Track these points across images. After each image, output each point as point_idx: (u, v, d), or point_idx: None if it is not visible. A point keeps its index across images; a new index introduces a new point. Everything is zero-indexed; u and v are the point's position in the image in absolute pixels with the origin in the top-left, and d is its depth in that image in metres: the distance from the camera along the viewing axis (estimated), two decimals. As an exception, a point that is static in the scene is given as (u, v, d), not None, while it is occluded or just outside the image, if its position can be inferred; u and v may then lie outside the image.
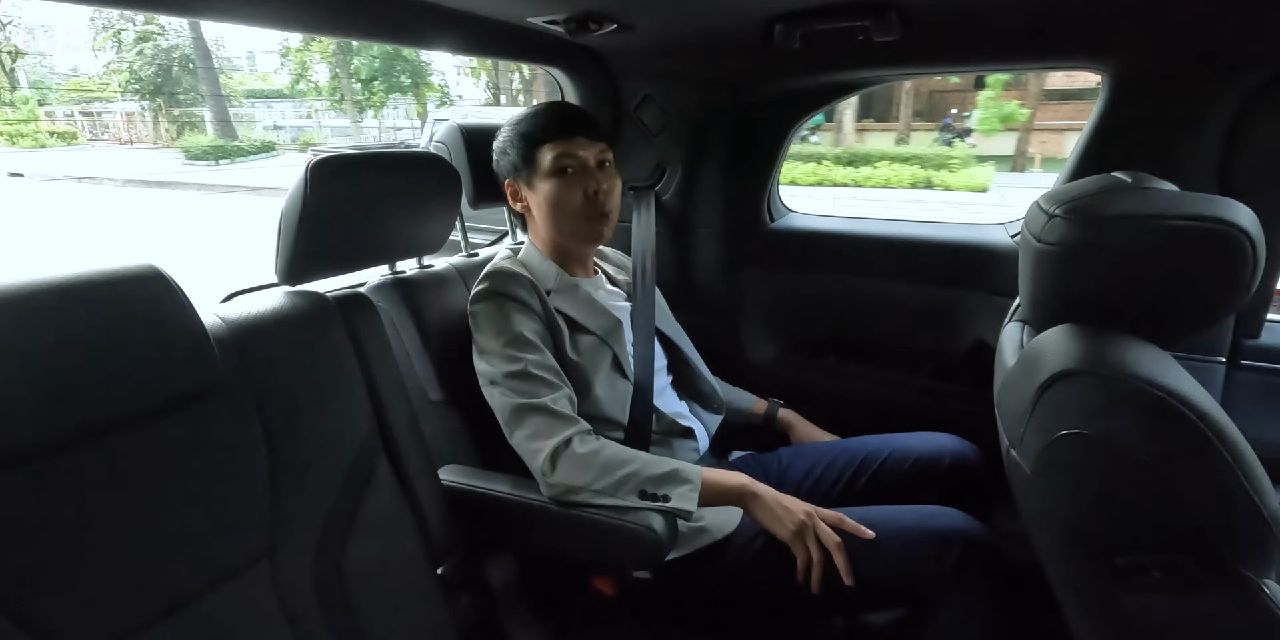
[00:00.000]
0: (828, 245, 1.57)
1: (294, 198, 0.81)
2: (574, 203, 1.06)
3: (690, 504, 0.92)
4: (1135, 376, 0.58)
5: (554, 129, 1.06)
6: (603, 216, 1.09)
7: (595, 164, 1.08)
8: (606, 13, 1.08)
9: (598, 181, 1.07)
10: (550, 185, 1.07)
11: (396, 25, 1.05)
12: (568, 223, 1.09)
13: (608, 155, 1.10)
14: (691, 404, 1.22)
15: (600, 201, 1.07)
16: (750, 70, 1.38)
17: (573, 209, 1.07)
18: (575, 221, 1.08)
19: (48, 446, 0.56)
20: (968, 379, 1.43)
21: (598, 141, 1.08)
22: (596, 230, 1.09)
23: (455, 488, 0.99)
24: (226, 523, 0.67)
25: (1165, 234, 0.62)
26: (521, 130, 1.09)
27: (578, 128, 1.07)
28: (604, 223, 1.09)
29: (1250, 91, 1.04)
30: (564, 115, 1.09)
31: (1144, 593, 0.62)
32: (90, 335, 0.58)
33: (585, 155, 1.07)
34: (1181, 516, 0.57)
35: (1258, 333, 1.18)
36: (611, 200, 1.09)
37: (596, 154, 1.08)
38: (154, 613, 0.61)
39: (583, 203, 1.07)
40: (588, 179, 1.07)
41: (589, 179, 1.07)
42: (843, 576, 0.91)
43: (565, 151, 1.06)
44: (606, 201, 1.08)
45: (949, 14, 1.05)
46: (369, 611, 0.78)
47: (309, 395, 0.78)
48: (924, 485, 1.11)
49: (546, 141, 1.06)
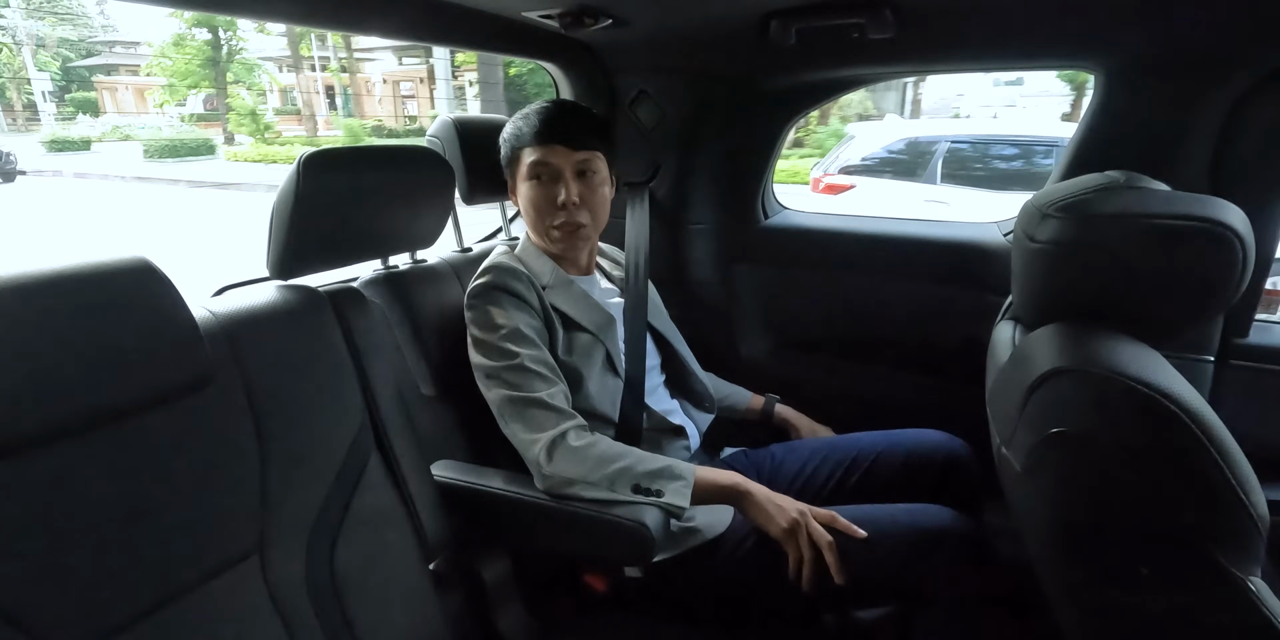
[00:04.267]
0: (822, 242, 1.57)
1: (286, 191, 0.80)
2: (544, 209, 1.07)
3: (683, 500, 0.93)
4: (1125, 375, 0.59)
5: (535, 134, 1.05)
6: (572, 226, 1.07)
7: (573, 173, 1.06)
8: (602, 7, 1.08)
9: (569, 191, 1.05)
10: (526, 187, 1.08)
11: (391, 18, 1.04)
12: (537, 226, 1.10)
13: (592, 165, 1.07)
14: (683, 402, 1.23)
15: (567, 212, 1.05)
16: (745, 66, 1.37)
17: (542, 215, 1.07)
18: (544, 227, 1.08)
19: (36, 439, 0.56)
20: (959, 376, 1.43)
21: (579, 151, 1.06)
22: (565, 239, 1.08)
23: (448, 483, 0.98)
24: (217, 517, 0.67)
25: (1156, 233, 0.62)
26: (513, 128, 1.09)
27: (558, 136, 1.05)
28: (571, 232, 1.07)
29: (1242, 92, 1.05)
30: (550, 121, 1.06)
31: (1132, 589, 0.62)
32: (80, 328, 0.58)
33: (559, 164, 1.05)
34: (1170, 514, 0.58)
35: (1246, 332, 1.19)
36: (582, 213, 1.07)
37: (575, 163, 1.06)
38: (144, 607, 0.61)
39: (551, 211, 1.06)
40: (559, 187, 1.05)
41: (558, 188, 1.05)
42: (834, 575, 0.91)
43: (540, 159, 1.05)
44: (575, 214, 1.06)
45: (943, 13, 1.05)
46: (360, 606, 0.78)
47: (300, 389, 0.77)
48: (916, 482, 1.12)
49: (528, 144, 1.06)
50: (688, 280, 1.64)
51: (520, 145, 1.07)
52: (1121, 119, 1.15)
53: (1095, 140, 1.18)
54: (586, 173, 1.07)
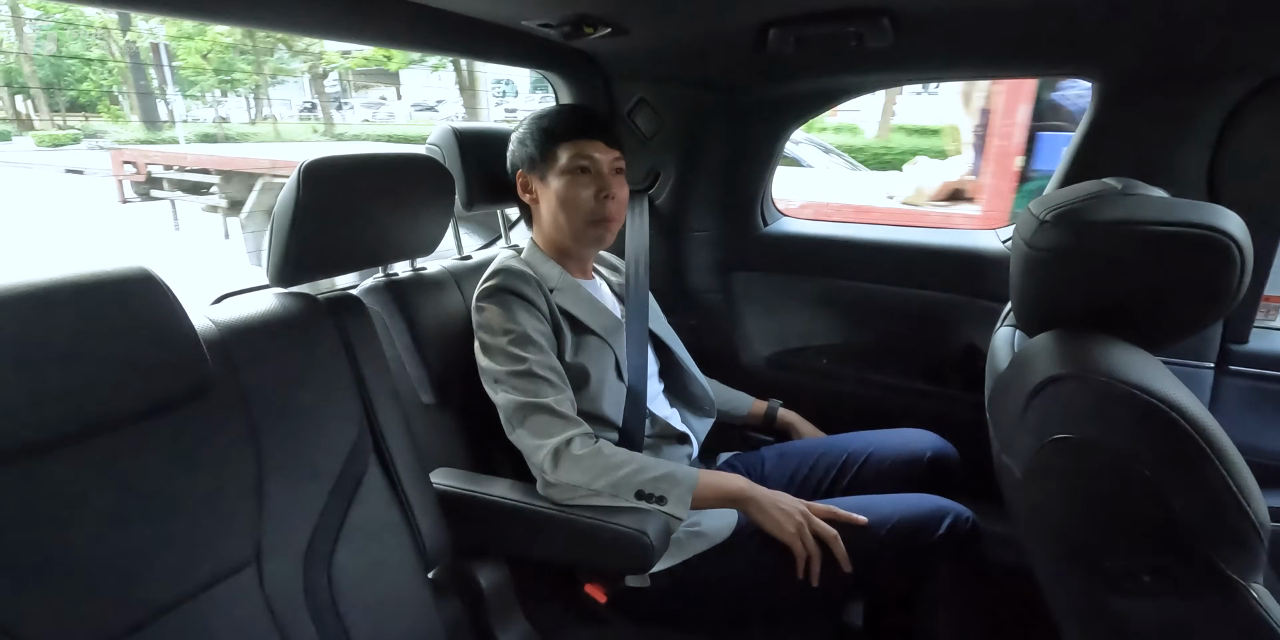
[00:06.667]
0: (821, 250, 1.57)
1: (286, 199, 0.80)
2: (583, 203, 1.07)
3: (683, 509, 0.93)
4: (1125, 381, 0.59)
5: (577, 128, 1.08)
6: (608, 221, 1.10)
7: (611, 169, 1.10)
8: (601, 16, 1.08)
9: (609, 185, 1.08)
10: (563, 182, 1.08)
11: (390, 27, 1.05)
12: (572, 222, 1.09)
13: (621, 164, 1.12)
14: (682, 408, 1.23)
15: (608, 205, 1.08)
16: (744, 75, 1.38)
17: (581, 209, 1.08)
18: (580, 222, 1.09)
19: (34, 447, 0.56)
20: (959, 383, 1.43)
21: (614, 148, 1.10)
22: (599, 234, 1.10)
23: (447, 491, 0.98)
24: (214, 525, 0.67)
25: (1154, 240, 0.63)
26: (544, 125, 1.10)
27: (599, 131, 1.09)
28: (607, 228, 1.10)
29: (1238, 100, 1.06)
30: (588, 118, 1.12)
31: (1132, 596, 0.62)
32: (79, 337, 0.58)
33: (602, 158, 1.08)
34: (1170, 521, 0.58)
35: (1245, 338, 1.19)
36: (618, 207, 1.10)
37: (612, 160, 1.10)
38: (140, 617, 0.60)
39: (592, 205, 1.08)
40: (600, 181, 1.08)
41: (601, 181, 1.08)
42: (842, 565, 0.94)
43: (583, 151, 1.07)
44: (614, 207, 1.09)
45: (940, 22, 1.06)
46: (358, 615, 0.77)
47: (299, 398, 0.77)
48: (905, 482, 1.14)
49: (567, 139, 1.08)
50: (687, 287, 1.64)
51: (557, 139, 1.08)
52: (1119, 126, 1.15)
53: (1093, 147, 1.18)
54: (619, 171, 1.11)
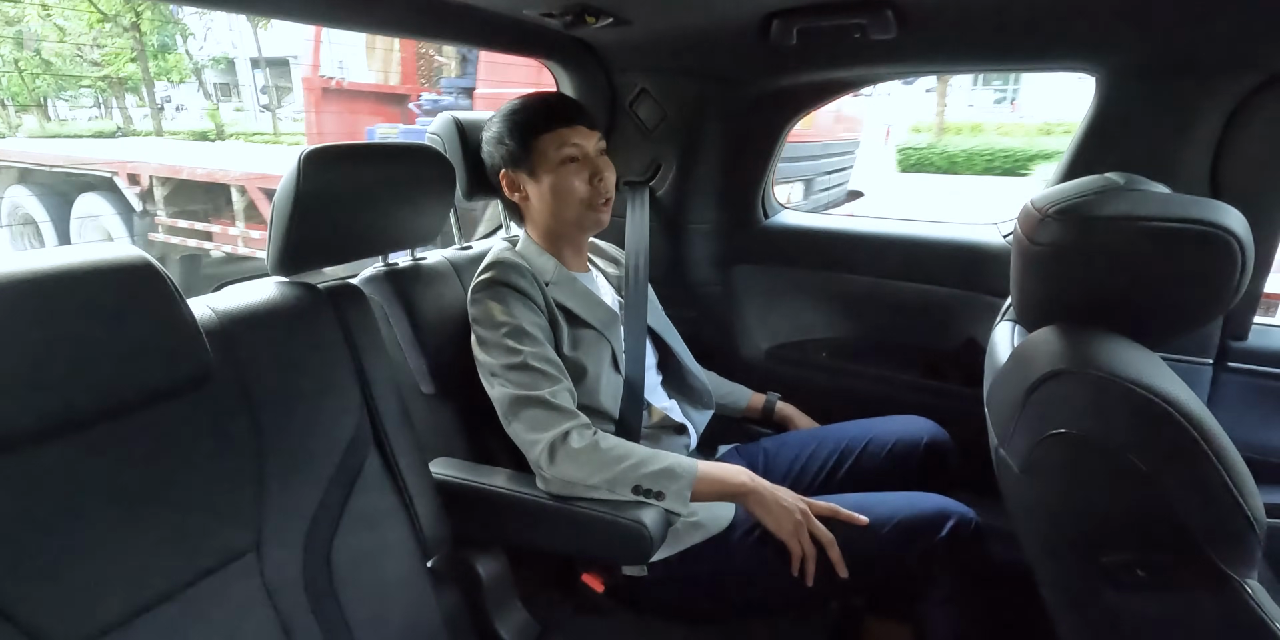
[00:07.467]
0: (822, 243, 1.57)
1: (286, 188, 0.80)
2: (580, 191, 1.07)
3: (682, 504, 0.93)
4: (1124, 377, 0.59)
5: (557, 118, 1.07)
6: (606, 204, 1.10)
7: (595, 152, 1.09)
8: (603, 6, 1.08)
9: (600, 168, 1.08)
10: (555, 175, 1.07)
11: (392, 16, 1.04)
12: (572, 210, 1.08)
13: (603, 144, 1.11)
14: (680, 400, 1.23)
15: (603, 189, 1.09)
16: (747, 66, 1.37)
17: (578, 197, 1.07)
18: (579, 209, 1.08)
19: (34, 436, 0.56)
20: (958, 377, 1.44)
21: (595, 130, 1.09)
22: (599, 217, 1.10)
23: (446, 481, 0.98)
24: (214, 514, 0.67)
25: (1155, 236, 0.62)
26: (520, 119, 1.08)
27: (578, 117, 1.08)
28: (606, 210, 1.11)
29: (1240, 95, 1.05)
30: (564, 105, 1.10)
31: (1128, 590, 0.63)
32: (79, 325, 0.57)
33: (587, 144, 1.08)
34: (1167, 516, 0.58)
35: (1245, 335, 1.19)
36: (609, 185, 1.10)
37: (596, 142, 1.09)
38: (140, 603, 0.61)
39: (588, 191, 1.07)
40: (591, 166, 1.08)
41: (592, 166, 1.08)
42: (838, 571, 0.94)
43: (568, 140, 1.06)
44: (606, 186, 1.09)
45: (944, 15, 1.05)
46: (357, 604, 0.78)
47: (299, 387, 0.77)
48: (903, 469, 1.15)
49: (549, 129, 1.06)
50: (688, 280, 1.64)
51: (539, 132, 1.06)
52: (1120, 121, 1.15)
53: (1094, 143, 1.18)
54: (603, 152, 1.11)
